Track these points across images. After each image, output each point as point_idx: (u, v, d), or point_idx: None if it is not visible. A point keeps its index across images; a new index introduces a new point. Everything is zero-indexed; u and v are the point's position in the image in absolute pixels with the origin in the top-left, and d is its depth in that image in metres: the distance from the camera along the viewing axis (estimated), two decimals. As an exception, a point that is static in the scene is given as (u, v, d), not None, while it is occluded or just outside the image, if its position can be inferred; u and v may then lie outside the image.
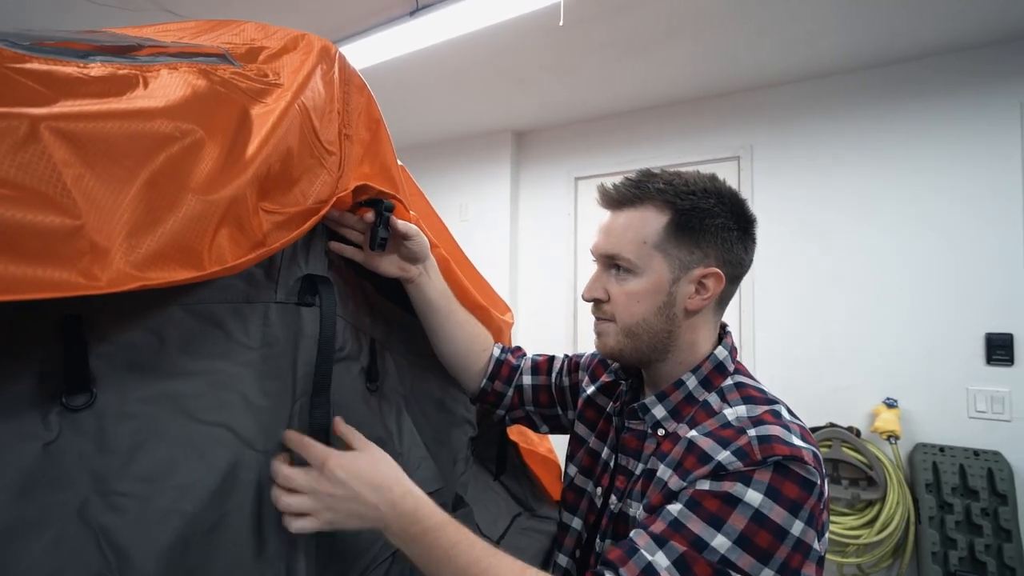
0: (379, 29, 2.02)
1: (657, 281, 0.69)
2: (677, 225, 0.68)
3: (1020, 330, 2.08)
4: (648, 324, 0.70)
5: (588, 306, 0.76)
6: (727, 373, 0.71)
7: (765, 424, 0.60)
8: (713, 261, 0.69)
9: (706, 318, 0.72)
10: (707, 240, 0.68)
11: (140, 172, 0.46)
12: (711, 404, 0.68)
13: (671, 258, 0.68)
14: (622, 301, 0.70)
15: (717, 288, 0.69)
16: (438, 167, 3.54)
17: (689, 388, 0.70)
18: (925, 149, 2.28)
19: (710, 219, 0.68)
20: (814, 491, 0.56)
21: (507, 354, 0.95)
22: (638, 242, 0.69)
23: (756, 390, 0.68)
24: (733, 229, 0.69)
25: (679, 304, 0.69)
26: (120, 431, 0.49)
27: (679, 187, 0.69)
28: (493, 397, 0.93)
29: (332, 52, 0.73)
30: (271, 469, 0.57)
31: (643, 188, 0.69)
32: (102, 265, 0.41)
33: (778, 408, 0.64)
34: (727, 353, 0.72)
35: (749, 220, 0.72)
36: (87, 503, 0.46)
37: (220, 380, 0.56)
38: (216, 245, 0.51)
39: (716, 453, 0.59)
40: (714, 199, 0.69)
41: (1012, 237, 2.11)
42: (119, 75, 0.52)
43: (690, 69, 2.43)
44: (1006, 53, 2.14)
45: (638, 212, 0.70)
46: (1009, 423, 2.07)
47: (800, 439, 0.59)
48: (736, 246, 0.70)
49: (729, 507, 0.55)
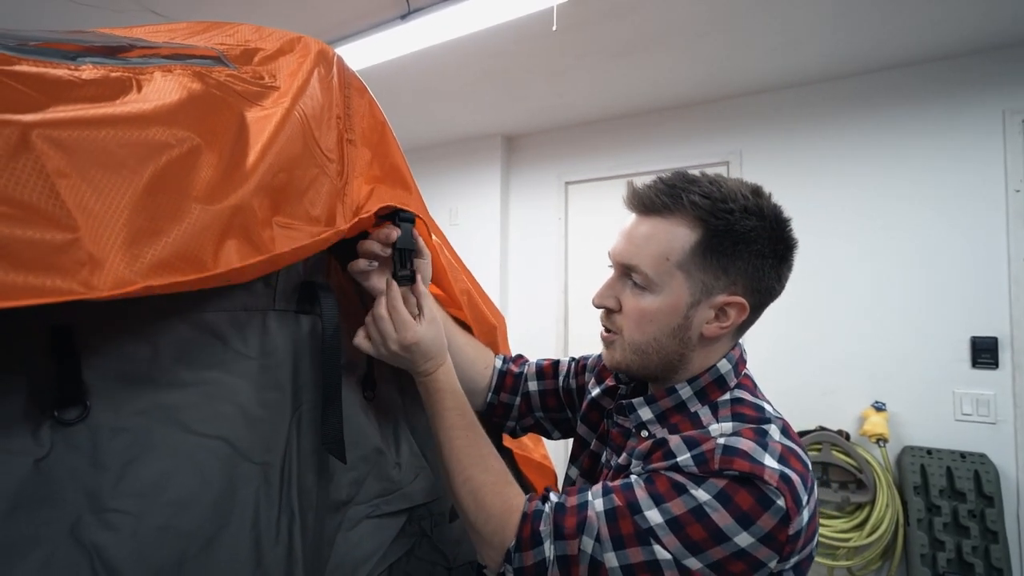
0: (369, 32, 2.01)
1: (674, 303, 0.63)
2: (707, 246, 0.61)
3: (1004, 333, 2.12)
4: (659, 344, 0.65)
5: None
6: (726, 387, 0.66)
7: (739, 437, 0.58)
8: (740, 289, 0.63)
9: (722, 344, 0.68)
10: (738, 266, 0.62)
11: (137, 181, 0.45)
12: (700, 417, 0.65)
13: (693, 280, 0.63)
14: (633, 317, 0.66)
15: (739, 317, 0.64)
16: (428, 171, 3.52)
17: (682, 397, 0.66)
18: (911, 155, 2.31)
19: (745, 244, 0.61)
20: (772, 510, 0.53)
21: (509, 364, 0.93)
22: (660, 257, 0.63)
23: (752, 407, 0.64)
24: (769, 256, 0.63)
25: (695, 328, 0.64)
26: (114, 445, 0.47)
27: (716, 201, 0.61)
28: (501, 409, 0.91)
29: (330, 55, 0.72)
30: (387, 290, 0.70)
31: (676, 197, 0.63)
32: (101, 275, 0.39)
33: (768, 427, 0.60)
34: (730, 367, 0.67)
35: (789, 246, 0.65)
36: (80, 521, 0.45)
37: (217, 391, 0.55)
38: (223, 255, 0.49)
39: (679, 452, 0.59)
40: (754, 220, 0.61)
41: (995, 241, 2.15)
42: (112, 78, 0.50)
43: (680, 74, 2.45)
44: (989, 61, 2.19)
45: (666, 223, 0.63)
46: (994, 425, 2.11)
47: (776, 460, 0.56)
48: (769, 274, 0.63)
49: (675, 493, 0.56)
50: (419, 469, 0.82)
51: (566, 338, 3.10)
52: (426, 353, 0.71)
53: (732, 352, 0.68)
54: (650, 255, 0.63)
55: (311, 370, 0.64)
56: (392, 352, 0.70)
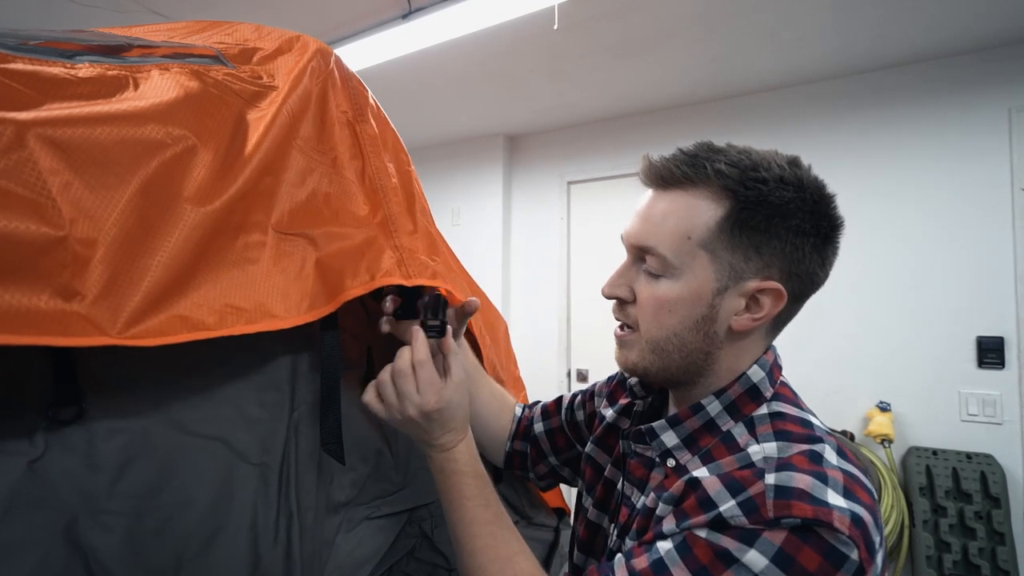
0: (371, 32, 2.00)
1: (697, 289, 0.54)
2: (735, 221, 0.52)
3: (1011, 333, 2.10)
4: (680, 340, 0.55)
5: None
6: (761, 399, 0.56)
7: (792, 470, 0.47)
8: (775, 272, 0.53)
9: (755, 341, 0.58)
10: (772, 245, 0.53)
11: (132, 179, 0.45)
12: (735, 437, 0.54)
13: (720, 262, 0.53)
14: (649, 307, 0.56)
15: (774, 307, 0.54)
16: (430, 171, 3.52)
17: (710, 414, 0.56)
18: (916, 154, 2.29)
19: (781, 218, 0.52)
20: (845, 567, 0.42)
21: (526, 410, 0.85)
22: (680, 235, 0.54)
23: (797, 422, 0.53)
24: (810, 234, 0.53)
25: (721, 321, 0.55)
26: (110, 446, 0.47)
27: (746, 170, 0.52)
28: (518, 460, 0.83)
29: (327, 54, 0.72)
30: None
31: (698, 166, 0.54)
32: (83, 279, 0.39)
33: (820, 448, 0.49)
34: (764, 374, 0.56)
35: (834, 224, 0.55)
36: (74, 523, 0.44)
37: (215, 392, 0.54)
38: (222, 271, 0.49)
39: (721, 501, 0.47)
40: (792, 191, 0.52)
41: (1001, 240, 2.13)
42: (108, 76, 0.50)
43: (683, 73, 2.44)
44: (995, 59, 2.17)
45: (687, 197, 0.54)
46: (1000, 426, 2.09)
47: (841, 495, 0.45)
48: (810, 257, 0.54)
49: (722, 565, 0.45)
50: (419, 470, 0.81)
51: (568, 339, 3.09)
52: (447, 422, 0.61)
53: (764, 357, 0.58)
54: (668, 233, 0.54)
55: (310, 370, 0.64)
56: (407, 417, 0.60)
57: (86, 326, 0.40)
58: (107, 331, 0.41)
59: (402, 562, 0.76)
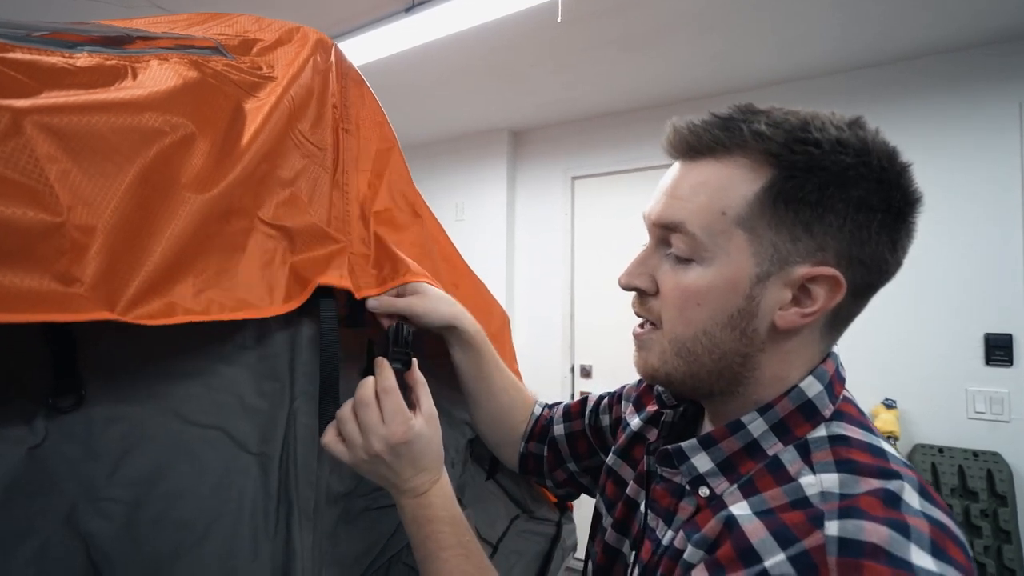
0: (373, 26, 2.00)
1: (733, 276, 0.44)
2: (780, 192, 0.43)
3: (1019, 331, 2.08)
4: (711, 340, 0.46)
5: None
6: (819, 418, 0.45)
7: (860, 517, 0.35)
8: (831, 256, 0.43)
9: (806, 344, 0.47)
10: (827, 222, 0.42)
11: (130, 167, 0.45)
12: (783, 464, 0.44)
13: (761, 243, 0.44)
14: (675, 299, 0.47)
15: (830, 300, 0.44)
16: (434, 167, 3.52)
17: (752, 434, 0.46)
18: (924, 149, 2.27)
19: (838, 189, 0.42)
20: None
21: (544, 409, 0.79)
22: (712, 211, 0.45)
23: (866, 450, 0.42)
24: (877, 210, 0.43)
25: (763, 316, 0.45)
26: (109, 434, 0.47)
27: (792, 131, 0.43)
28: (532, 463, 0.78)
29: (328, 45, 0.72)
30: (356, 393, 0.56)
31: (733, 129, 0.45)
32: (81, 266, 0.39)
33: (898, 487, 0.37)
34: (821, 387, 0.46)
35: (909, 200, 0.44)
36: (74, 510, 0.45)
37: (215, 381, 0.54)
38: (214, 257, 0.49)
39: (766, 553, 0.37)
40: (852, 156, 0.42)
41: (1011, 237, 2.11)
42: (107, 66, 0.50)
43: (687, 68, 2.42)
44: (1005, 52, 2.14)
45: (721, 166, 0.45)
46: (1008, 424, 2.07)
47: (928, 552, 0.34)
48: (877, 238, 0.43)
49: None
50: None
51: (572, 335, 3.09)
52: (418, 459, 0.55)
53: (823, 367, 0.47)
54: (699, 209, 0.45)
55: (309, 360, 0.64)
56: (373, 455, 0.54)
57: (86, 304, 0.40)
58: (107, 310, 0.41)
59: (402, 553, 0.76)
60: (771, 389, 0.47)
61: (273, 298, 0.54)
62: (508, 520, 1.10)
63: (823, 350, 0.48)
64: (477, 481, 1.10)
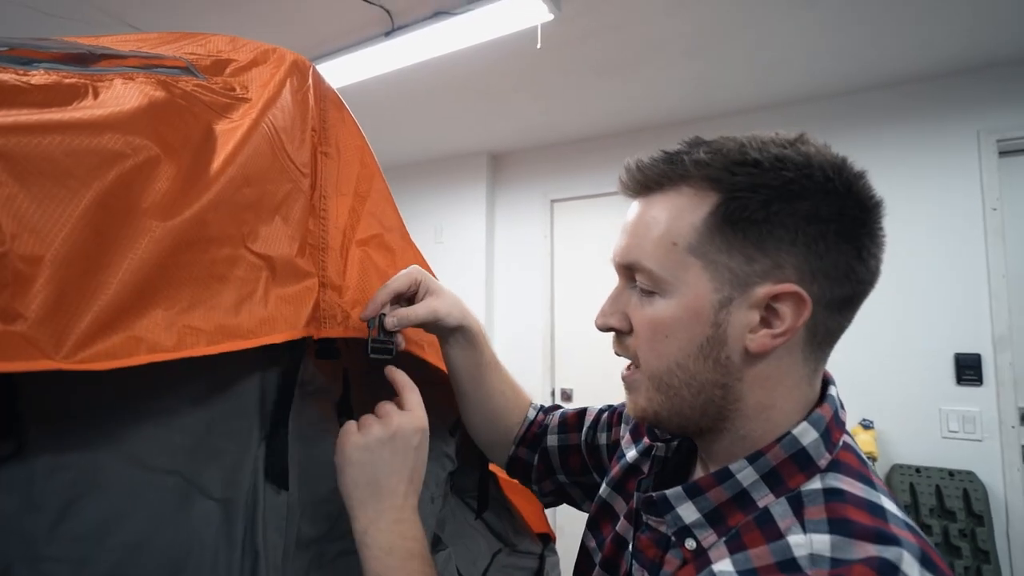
0: (354, 49, 1.99)
1: (693, 304, 0.44)
2: (725, 215, 0.43)
3: (987, 350, 2.13)
4: (685, 372, 0.45)
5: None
6: (813, 467, 0.43)
7: None
8: (792, 272, 0.42)
9: (787, 366, 0.45)
10: (779, 237, 0.42)
11: (86, 192, 0.41)
12: (774, 518, 0.41)
13: (716, 267, 0.44)
14: (645, 334, 0.47)
15: (798, 317, 0.42)
16: (413, 189, 3.50)
17: (743, 484, 0.44)
18: (890, 175, 2.34)
19: (784, 203, 0.42)
20: None
21: (540, 413, 0.77)
22: (665, 244, 0.45)
23: (864, 507, 0.39)
24: (830, 220, 0.42)
25: (733, 342, 0.44)
26: (52, 483, 0.43)
27: (731, 154, 0.44)
28: (520, 468, 0.75)
29: (305, 65, 0.70)
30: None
31: (676, 162, 0.46)
32: (26, 300, 0.35)
33: (895, 555, 0.35)
34: (817, 435, 0.43)
35: (865, 205, 0.44)
36: (10, 572, 0.40)
37: (176, 421, 0.50)
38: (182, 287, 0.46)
39: None
40: (793, 170, 0.42)
41: (975, 258, 2.17)
42: (64, 84, 0.47)
43: (665, 93, 2.47)
44: (964, 83, 2.24)
45: (667, 199, 0.46)
46: (980, 442, 2.11)
47: None
48: (837, 248, 0.43)
49: None
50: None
51: (552, 358, 3.07)
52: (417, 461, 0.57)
53: (819, 411, 0.45)
54: (653, 244, 0.46)
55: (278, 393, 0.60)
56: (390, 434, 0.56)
57: (28, 349, 0.36)
58: (51, 355, 0.37)
59: None
60: (759, 422, 0.46)
61: (256, 330, 0.50)
62: (490, 555, 1.06)
63: (809, 374, 0.47)
64: (458, 516, 1.06)
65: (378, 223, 0.74)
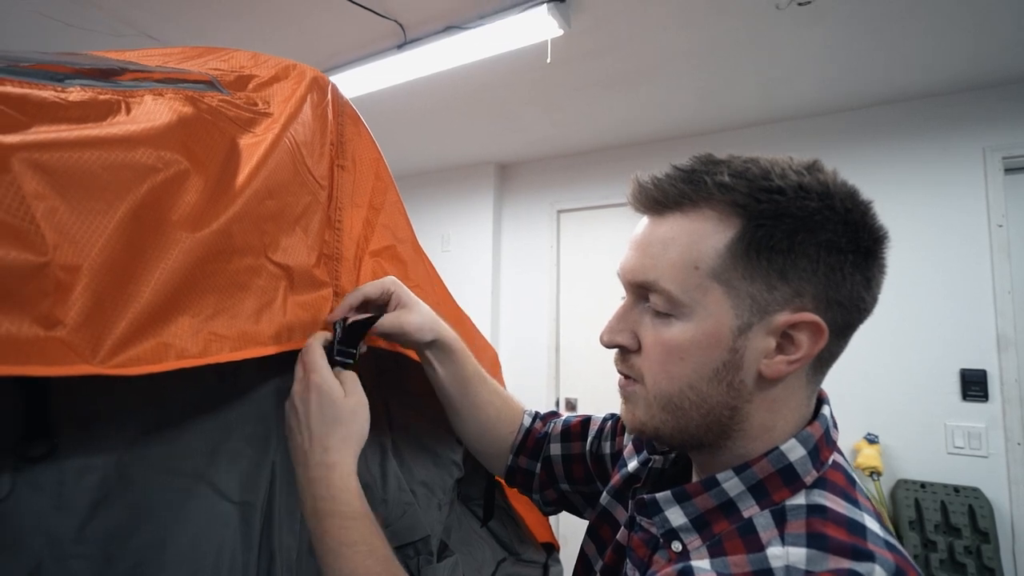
0: (366, 61, 2.02)
1: (714, 330, 0.44)
2: (751, 242, 0.43)
3: (992, 366, 2.12)
4: (697, 394, 0.45)
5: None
6: (798, 483, 0.44)
7: None
8: (809, 302, 0.43)
9: (793, 389, 0.46)
10: (801, 267, 0.43)
11: (120, 204, 0.43)
12: (756, 529, 0.43)
13: (738, 294, 0.44)
14: (657, 356, 0.47)
15: (815, 345, 0.43)
16: (421, 198, 3.53)
17: (728, 494, 0.45)
18: (897, 191, 2.35)
19: (808, 233, 0.42)
20: None
21: (536, 422, 0.77)
22: (686, 266, 0.45)
23: (843, 524, 0.40)
24: (847, 251, 0.43)
25: (748, 367, 0.44)
26: (81, 485, 0.44)
27: (756, 179, 0.44)
28: (521, 477, 0.75)
29: (324, 82, 0.72)
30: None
31: (697, 182, 0.45)
32: (65, 307, 0.37)
33: (867, 570, 0.36)
34: (804, 452, 0.44)
35: (875, 236, 0.45)
36: (39, 569, 0.41)
37: (196, 427, 0.52)
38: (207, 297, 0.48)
39: None
40: (816, 200, 0.43)
41: (981, 275, 2.17)
42: (99, 100, 0.49)
43: (673, 106, 2.49)
44: (970, 100, 2.25)
45: (689, 220, 0.45)
46: (986, 459, 2.09)
47: None
48: (851, 278, 0.44)
49: None
50: (406, 506, 0.78)
51: (557, 367, 3.07)
52: (325, 410, 0.53)
53: (808, 430, 0.46)
54: (673, 265, 0.45)
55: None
56: (297, 401, 0.53)
57: (67, 354, 0.38)
58: (88, 359, 0.39)
59: None
60: (758, 441, 0.46)
61: (275, 337, 0.52)
62: (495, 563, 1.07)
63: (809, 395, 0.48)
64: (464, 524, 1.06)
65: (391, 235, 0.76)
